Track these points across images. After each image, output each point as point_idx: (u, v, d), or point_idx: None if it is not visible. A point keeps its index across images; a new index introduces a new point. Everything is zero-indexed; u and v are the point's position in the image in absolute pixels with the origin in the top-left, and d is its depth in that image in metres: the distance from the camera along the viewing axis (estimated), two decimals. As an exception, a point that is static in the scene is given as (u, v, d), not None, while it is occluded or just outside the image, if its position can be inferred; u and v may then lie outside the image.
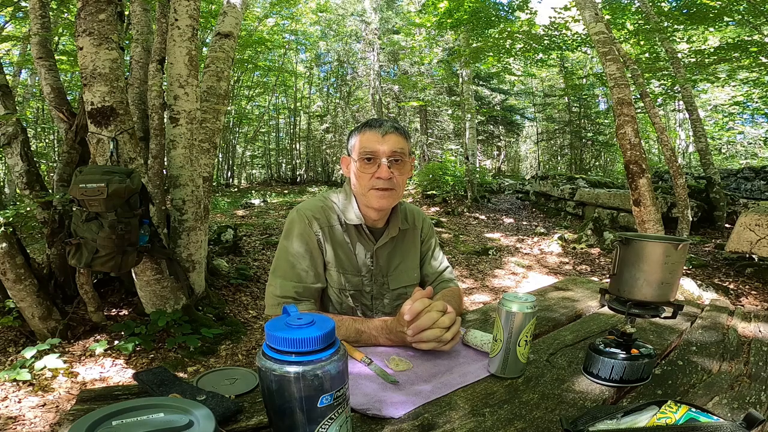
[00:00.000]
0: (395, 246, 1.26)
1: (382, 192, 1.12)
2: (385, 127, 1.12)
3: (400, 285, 1.26)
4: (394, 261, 1.25)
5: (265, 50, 12.35)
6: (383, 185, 1.11)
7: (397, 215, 1.24)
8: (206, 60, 3.55)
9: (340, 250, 1.18)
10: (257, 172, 19.31)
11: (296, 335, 0.55)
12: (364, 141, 1.12)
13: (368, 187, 1.12)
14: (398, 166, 1.13)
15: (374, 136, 1.11)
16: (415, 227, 1.31)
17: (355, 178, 1.16)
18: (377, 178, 1.11)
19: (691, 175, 8.22)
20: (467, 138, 10.41)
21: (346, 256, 1.18)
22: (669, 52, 6.88)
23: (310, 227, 1.15)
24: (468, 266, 5.38)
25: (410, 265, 1.28)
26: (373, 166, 1.11)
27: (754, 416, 0.62)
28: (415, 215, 1.33)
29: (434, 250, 1.36)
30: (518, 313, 0.85)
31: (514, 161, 24.43)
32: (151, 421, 0.49)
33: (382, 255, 1.23)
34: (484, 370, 0.90)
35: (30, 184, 3.08)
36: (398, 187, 1.14)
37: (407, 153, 1.15)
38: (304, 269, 1.13)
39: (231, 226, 5.27)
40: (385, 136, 1.11)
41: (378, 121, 1.16)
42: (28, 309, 2.59)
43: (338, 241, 1.18)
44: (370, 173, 1.11)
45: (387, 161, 1.10)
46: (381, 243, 1.21)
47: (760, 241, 3.97)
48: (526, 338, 0.86)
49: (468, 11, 7.35)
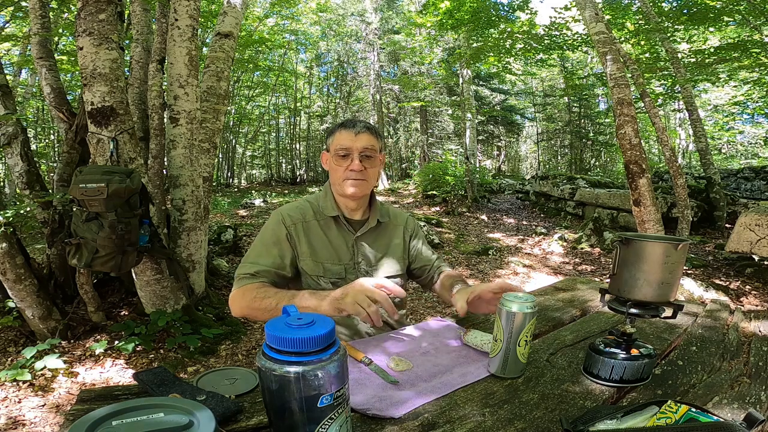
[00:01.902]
0: (377, 237, 1.36)
1: (354, 180, 1.26)
2: (358, 127, 1.27)
3: (386, 275, 1.33)
4: (377, 252, 1.35)
5: (266, 50, 12.36)
6: (355, 176, 1.25)
7: (376, 208, 1.37)
8: (206, 60, 3.55)
9: (315, 242, 1.29)
10: (257, 172, 19.32)
11: (296, 335, 0.55)
12: (339, 139, 1.27)
13: (342, 177, 1.27)
14: (369, 161, 1.27)
15: (348, 135, 1.26)
16: (397, 223, 1.43)
17: (332, 171, 1.31)
18: (350, 170, 1.25)
19: (691, 175, 8.22)
20: (467, 138, 10.41)
21: (323, 247, 1.29)
22: (669, 52, 6.88)
23: (282, 224, 1.28)
24: (469, 266, 5.38)
25: (394, 257, 1.37)
26: (347, 161, 1.25)
27: (754, 416, 0.62)
28: (396, 213, 1.46)
29: (424, 242, 1.46)
30: (518, 313, 0.84)
31: (514, 161, 24.43)
32: (151, 421, 0.49)
33: (363, 245, 1.33)
34: (484, 370, 0.90)
35: (30, 184, 3.08)
36: (369, 178, 1.29)
37: (377, 150, 1.30)
38: (263, 254, 1.25)
39: (231, 226, 5.27)
40: (357, 135, 1.25)
41: (352, 121, 1.30)
42: (28, 309, 2.59)
43: (313, 233, 1.30)
44: (344, 167, 1.26)
45: (359, 156, 1.25)
46: (361, 233, 1.32)
47: (760, 241, 3.97)
48: (526, 338, 0.86)
49: (469, 11, 7.35)
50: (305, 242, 1.28)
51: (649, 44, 7.43)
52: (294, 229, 1.28)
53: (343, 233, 1.31)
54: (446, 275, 1.38)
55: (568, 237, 6.44)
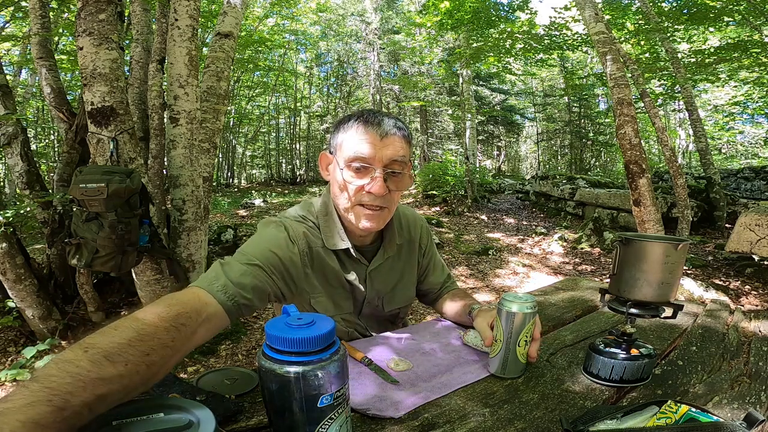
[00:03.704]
0: (392, 265, 1.08)
1: (371, 212, 0.89)
2: (386, 126, 0.87)
3: (394, 307, 1.13)
4: (390, 281, 1.09)
5: (266, 50, 12.34)
6: (374, 202, 0.88)
7: (392, 230, 1.04)
8: (206, 60, 3.54)
9: (331, 276, 0.99)
10: (257, 172, 19.31)
11: (296, 335, 0.55)
12: (356, 142, 0.87)
13: (355, 202, 0.89)
14: (396, 180, 0.89)
15: (370, 137, 0.86)
16: (412, 239, 1.13)
17: (337, 189, 0.92)
18: (368, 193, 0.88)
19: (691, 175, 8.22)
20: (467, 138, 10.41)
21: (338, 282, 1.00)
22: (669, 52, 6.88)
23: (295, 245, 0.92)
24: (469, 266, 5.38)
25: (407, 284, 1.14)
26: (365, 177, 0.87)
27: (754, 416, 0.62)
28: (410, 222, 1.14)
29: (435, 258, 1.21)
30: (518, 313, 0.84)
31: (514, 161, 24.42)
32: (151, 421, 0.49)
33: (377, 277, 1.05)
34: (484, 370, 0.90)
35: (30, 184, 3.08)
36: (392, 206, 0.92)
37: (408, 162, 0.90)
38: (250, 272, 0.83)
39: (231, 226, 5.27)
40: (384, 139, 0.86)
41: (376, 115, 0.88)
42: (28, 309, 2.59)
43: (326, 265, 0.98)
44: (359, 185, 0.88)
45: (383, 173, 0.86)
46: (375, 265, 1.03)
47: (760, 241, 3.97)
48: (526, 338, 0.86)
49: (469, 11, 7.35)
50: (318, 276, 0.98)
51: (649, 44, 7.43)
52: (307, 257, 0.94)
53: (354, 265, 1.02)
54: (452, 294, 1.18)
55: (568, 237, 6.44)
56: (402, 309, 1.18)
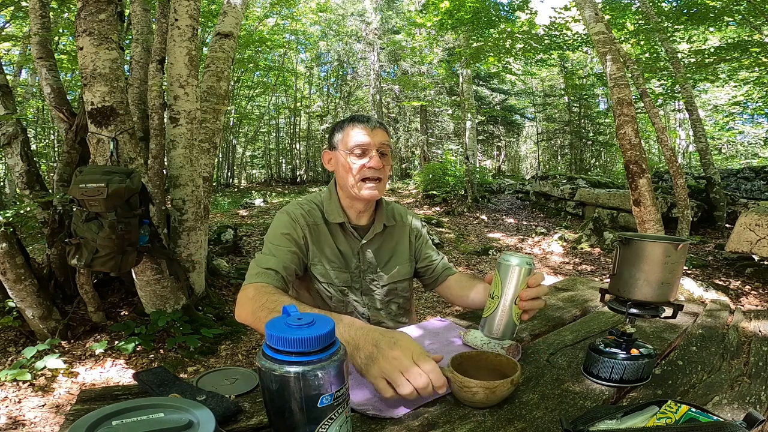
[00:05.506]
0: (383, 242, 1.31)
1: (373, 183, 1.19)
2: (373, 122, 1.21)
3: (391, 281, 1.30)
4: (382, 257, 1.30)
5: (266, 50, 12.35)
6: (374, 174, 1.18)
7: (382, 212, 1.31)
8: (206, 60, 3.55)
9: (326, 247, 1.24)
10: (257, 172, 19.31)
11: (296, 335, 0.55)
12: (354, 134, 1.19)
13: (359, 177, 1.18)
14: (385, 159, 1.21)
15: (364, 130, 1.19)
16: (403, 223, 1.37)
17: (343, 171, 1.22)
18: (368, 168, 1.18)
19: (691, 175, 8.21)
20: (467, 138, 10.41)
21: (332, 253, 1.24)
22: (669, 52, 6.88)
23: (298, 224, 1.22)
24: (469, 266, 5.38)
25: (400, 261, 1.33)
26: (364, 158, 1.18)
27: (754, 416, 0.61)
28: (400, 211, 1.39)
29: (428, 242, 1.41)
30: (521, 267, 0.87)
31: (514, 161, 24.41)
32: (151, 421, 0.49)
33: (368, 252, 1.28)
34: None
35: (30, 184, 3.08)
36: (385, 177, 1.23)
37: (390, 147, 1.25)
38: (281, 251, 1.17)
39: (231, 226, 5.27)
40: (374, 130, 1.20)
41: (364, 116, 1.24)
42: (28, 309, 2.59)
43: (324, 238, 1.24)
44: (361, 164, 1.18)
45: (377, 152, 1.19)
46: (366, 239, 1.27)
47: (760, 241, 3.97)
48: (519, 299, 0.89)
49: (469, 11, 7.35)
50: (317, 247, 1.23)
51: (649, 44, 7.43)
52: (308, 231, 1.22)
53: (349, 240, 1.26)
54: (458, 276, 1.34)
55: (568, 237, 6.44)
56: (398, 284, 1.31)
